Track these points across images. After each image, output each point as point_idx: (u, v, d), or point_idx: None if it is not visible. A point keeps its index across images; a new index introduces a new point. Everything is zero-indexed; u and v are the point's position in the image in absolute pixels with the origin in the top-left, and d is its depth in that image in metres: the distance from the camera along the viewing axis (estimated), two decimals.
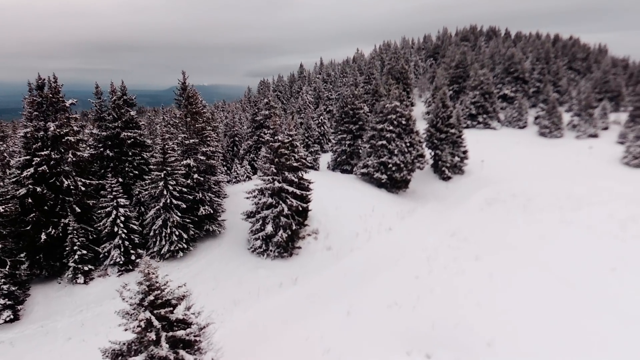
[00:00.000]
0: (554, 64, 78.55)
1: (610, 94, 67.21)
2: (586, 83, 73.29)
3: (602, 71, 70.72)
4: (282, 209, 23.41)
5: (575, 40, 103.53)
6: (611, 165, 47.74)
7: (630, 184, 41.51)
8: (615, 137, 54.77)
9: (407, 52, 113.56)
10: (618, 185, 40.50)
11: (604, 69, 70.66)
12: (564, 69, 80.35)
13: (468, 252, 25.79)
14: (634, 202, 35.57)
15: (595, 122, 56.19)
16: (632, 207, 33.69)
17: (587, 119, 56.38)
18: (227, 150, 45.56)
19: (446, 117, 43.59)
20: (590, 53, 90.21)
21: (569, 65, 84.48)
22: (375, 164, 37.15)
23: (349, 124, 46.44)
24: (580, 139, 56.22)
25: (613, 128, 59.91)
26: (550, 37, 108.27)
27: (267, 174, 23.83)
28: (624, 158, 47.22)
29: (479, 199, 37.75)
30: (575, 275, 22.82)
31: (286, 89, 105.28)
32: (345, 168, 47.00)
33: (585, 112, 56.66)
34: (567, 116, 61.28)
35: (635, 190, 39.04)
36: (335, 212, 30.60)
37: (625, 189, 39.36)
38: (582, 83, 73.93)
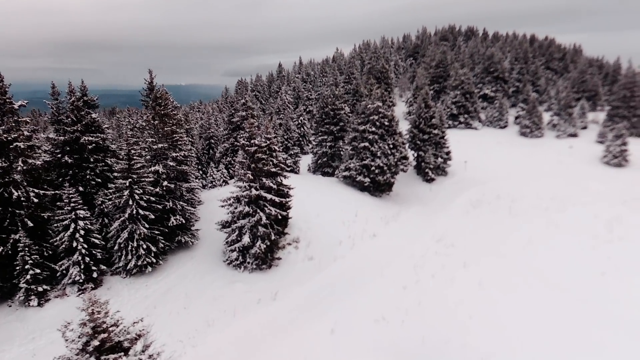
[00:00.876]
0: (532, 63, 79.57)
1: (588, 94, 68.42)
2: (564, 82, 74.43)
3: (579, 71, 71.95)
4: (259, 218, 21.94)
5: (551, 40, 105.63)
6: (592, 165, 48.18)
7: (611, 183, 41.83)
8: (594, 137, 55.51)
9: (386, 51, 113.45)
10: (600, 185, 40.74)
11: (581, 68, 71.91)
12: (542, 68, 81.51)
13: (456, 259, 24.95)
14: (617, 202, 35.70)
15: (574, 121, 56.85)
16: (616, 208, 33.70)
17: (566, 118, 56.98)
18: (203, 153, 43.63)
19: (429, 117, 42.94)
20: (566, 53, 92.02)
21: (546, 65, 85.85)
22: (358, 166, 36.06)
23: (329, 125, 45.23)
24: (561, 139, 56.75)
25: (592, 127, 60.85)
26: (527, 37, 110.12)
27: (243, 181, 22.32)
28: (604, 157, 47.70)
29: (463, 202, 37.16)
30: (566, 281, 22.25)
31: (265, 88, 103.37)
32: (327, 170, 45.79)
33: (564, 112, 57.26)
34: (547, 115, 61.89)
35: (617, 189, 39.30)
36: (317, 219, 29.32)
37: (608, 188, 39.58)
38: (559, 82, 75.06)
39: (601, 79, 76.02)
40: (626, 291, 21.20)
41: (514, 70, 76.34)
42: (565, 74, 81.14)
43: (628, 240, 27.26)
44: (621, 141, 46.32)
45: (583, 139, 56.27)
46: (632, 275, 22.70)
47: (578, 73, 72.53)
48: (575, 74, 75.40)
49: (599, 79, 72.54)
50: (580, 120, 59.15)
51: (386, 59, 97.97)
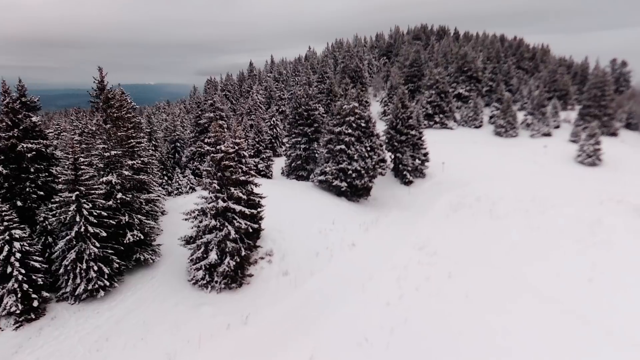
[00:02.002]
0: (504, 63, 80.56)
1: (559, 93, 69.70)
2: (535, 82, 75.64)
3: (549, 70, 73.24)
4: (228, 232, 19.89)
5: (520, 40, 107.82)
6: (567, 164, 48.61)
7: (587, 183, 42.12)
8: (567, 136, 56.27)
9: (360, 50, 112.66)
10: (577, 185, 40.88)
11: (552, 68, 73.25)
12: (513, 68, 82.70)
13: (440, 269, 23.74)
14: (595, 202, 35.76)
15: (548, 120, 57.50)
16: (595, 209, 33.65)
17: (540, 117, 57.54)
18: (168, 157, 40.88)
19: (406, 118, 41.90)
20: (536, 53, 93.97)
21: (517, 65, 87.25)
22: (334, 170, 34.45)
23: (303, 126, 43.47)
24: (535, 138, 57.24)
25: (564, 126, 61.83)
26: (497, 37, 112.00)
27: (209, 191, 20.20)
28: (578, 157, 48.19)
29: (443, 205, 36.25)
30: (554, 291, 21.43)
31: (235, 88, 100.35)
32: (301, 174, 44.00)
33: (538, 111, 57.81)
34: (521, 115, 62.42)
35: (594, 189, 39.50)
36: (292, 228, 27.47)
37: (584, 188, 39.72)
38: (531, 82, 76.23)
39: (570, 79, 77.71)
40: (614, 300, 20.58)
41: (487, 70, 76.99)
42: (536, 73, 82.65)
43: (611, 244, 26.94)
44: (594, 140, 46.88)
45: (557, 138, 56.96)
46: (618, 283, 22.16)
47: (549, 72, 73.84)
48: (545, 73, 76.81)
49: (568, 79, 74.12)
50: (553, 119, 59.96)
51: (360, 58, 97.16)
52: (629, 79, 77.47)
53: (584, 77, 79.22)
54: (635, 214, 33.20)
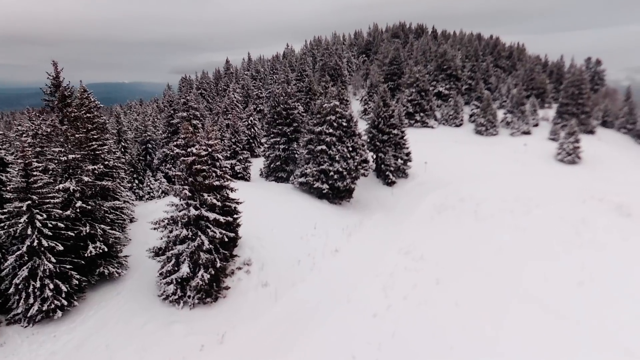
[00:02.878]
0: (482, 61, 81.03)
1: (536, 91, 70.48)
2: (513, 80, 76.38)
3: (527, 69, 74.03)
4: (201, 243, 18.32)
5: (497, 39, 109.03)
6: (547, 163, 48.83)
7: (568, 181, 42.24)
8: (546, 134, 56.72)
9: (338, 48, 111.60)
10: (559, 183, 40.90)
11: (529, 66, 74.06)
12: (491, 66, 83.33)
13: (427, 275, 22.82)
14: (578, 201, 35.73)
15: (527, 119, 57.85)
16: (578, 208, 33.55)
17: (519, 116, 57.83)
18: (139, 159, 38.69)
19: (388, 117, 41.01)
20: (513, 51, 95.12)
21: (494, 63, 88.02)
22: (315, 172, 33.16)
23: (282, 125, 41.99)
24: (515, 136, 57.49)
25: (543, 125, 62.44)
26: (474, 36, 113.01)
27: (180, 198, 18.57)
28: (558, 155, 48.48)
29: (427, 206, 35.50)
30: (544, 297, 20.78)
31: (211, 86, 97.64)
32: (281, 175, 42.52)
33: (517, 110, 58.08)
34: (500, 113, 62.65)
35: (575, 187, 39.55)
36: (271, 235, 26.05)
37: (566, 187, 39.72)
38: (509, 80, 76.93)
39: (546, 77, 78.78)
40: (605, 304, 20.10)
41: (466, 68, 77.23)
42: (514, 71, 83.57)
43: (598, 244, 26.66)
44: (574, 138, 47.22)
45: (536, 136, 57.36)
46: (608, 286, 21.74)
47: (526, 71, 74.64)
48: (523, 71, 77.67)
49: (545, 77, 75.13)
50: (532, 117, 60.42)
51: (339, 55, 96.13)
52: (603, 78, 79.30)
53: (559, 75, 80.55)
54: (618, 213, 33.26)
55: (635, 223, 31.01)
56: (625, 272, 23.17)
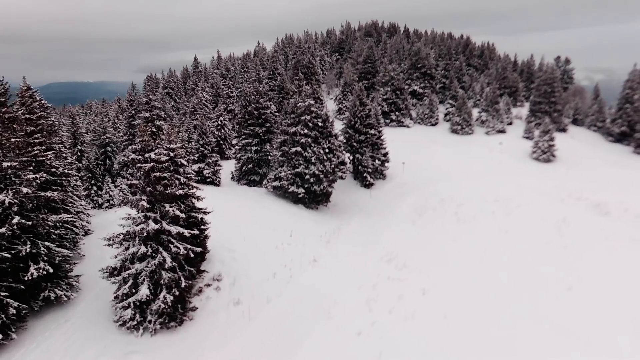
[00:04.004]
0: (456, 60, 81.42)
1: (509, 90, 71.26)
2: (485, 79, 77.05)
3: (499, 68, 74.81)
4: (162, 260, 16.26)
5: (468, 38, 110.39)
6: (523, 161, 48.99)
7: (545, 179, 42.33)
8: (521, 132, 57.12)
9: (311, 46, 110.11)
10: (536, 182, 40.88)
11: (502, 65, 74.87)
12: (464, 65, 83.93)
13: (412, 285, 21.55)
14: (556, 199, 35.68)
15: (502, 117, 58.08)
16: (557, 207, 33.36)
17: (494, 114, 58.01)
18: (97, 164, 35.75)
19: (364, 116, 39.74)
20: (484, 50, 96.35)
21: (467, 62, 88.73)
22: (290, 175, 31.42)
23: (254, 126, 39.97)
24: (490, 135, 57.63)
25: (516, 123, 63.02)
26: (446, 35, 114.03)
27: (137, 210, 16.43)
28: (534, 153, 48.69)
29: (407, 209, 34.49)
30: (537, 306, 19.88)
31: (179, 85, 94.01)
32: (253, 179, 40.51)
33: (492, 108, 58.25)
34: (475, 112, 62.77)
35: (552, 186, 39.60)
36: (244, 245, 24.14)
37: (543, 185, 39.73)
38: (482, 79, 77.58)
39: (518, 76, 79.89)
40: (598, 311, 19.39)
41: (439, 67, 77.32)
42: (486, 70, 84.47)
43: (580, 245, 26.23)
44: (549, 137, 47.51)
45: (511, 134, 57.69)
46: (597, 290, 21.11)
47: (498, 70, 75.44)
48: (495, 70, 78.52)
49: (517, 76, 76.16)
50: (506, 116, 60.78)
51: (312, 53, 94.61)
52: (572, 76, 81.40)
53: (530, 74, 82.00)
54: (596, 212, 33.28)
55: (613, 222, 30.97)
56: (612, 274, 22.68)
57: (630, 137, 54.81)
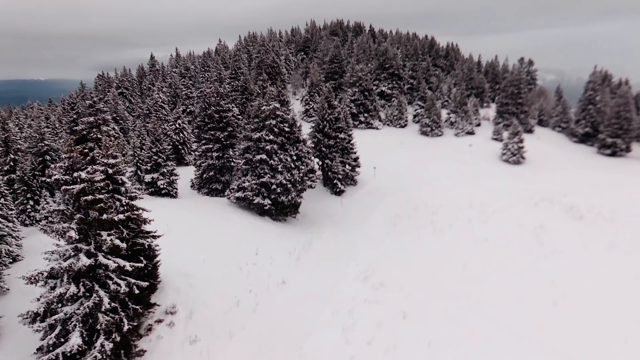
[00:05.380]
0: (423, 60, 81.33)
1: (476, 91, 71.75)
2: (452, 80, 77.38)
3: (466, 68, 75.26)
4: (99, 301, 13.53)
5: (432, 38, 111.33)
6: (494, 163, 48.84)
7: (516, 182, 42.17)
8: (489, 134, 57.25)
9: (275, 45, 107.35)
10: (508, 185, 40.54)
11: (468, 66, 75.36)
12: (431, 66, 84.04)
13: (392, 308, 19.81)
14: (530, 204, 35.29)
15: (470, 119, 58.00)
16: (533, 212, 32.81)
17: (463, 115, 57.84)
18: (33, 175, 31.75)
19: (334, 119, 37.86)
20: (449, 51, 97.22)
21: (433, 63, 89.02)
22: (254, 185, 29.00)
23: (214, 130, 37.26)
24: (460, 137, 57.41)
25: (484, 124, 63.33)
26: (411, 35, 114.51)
27: (66, 241, 13.61)
28: (503, 155, 48.63)
29: (381, 218, 32.90)
30: (523, 323, 18.67)
31: (134, 85, 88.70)
32: (215, 187, 37.77)
33: (460, 110, 58.05)
34: (443, 113, 62.51)
35: (524, 189, 39.40)
36: (203, 268, 21.57)
37: (516, 188, 39.42)
38: (448, 80, 77.86)
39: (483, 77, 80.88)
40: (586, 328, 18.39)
41: (407, 67, 76.91)
42: (452, 71, 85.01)
43: (560, 254, 25.45)
44: (518, 138, 47.56)
45: (480, 136, 57.73)
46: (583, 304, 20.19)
47: (464, 70, 75.90)
48: (461, 71, 79.06)
49: (482, 76, 76.96)
50: (474, 117, 60.86)
51: (276, 52, 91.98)
52: (536, 77, 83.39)
53: (495, 75, 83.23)
54: (570, 216, 33.03)
55: (588, 227, 30.71)
56: (596, 286, 21.90)
57: (594, 138, 56.15)
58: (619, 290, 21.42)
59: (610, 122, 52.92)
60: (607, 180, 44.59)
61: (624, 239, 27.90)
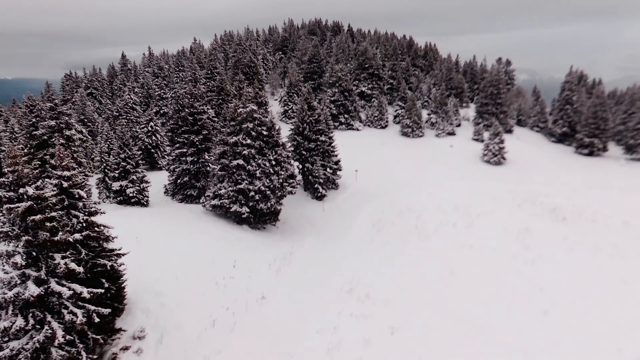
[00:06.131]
0: (402, 60, 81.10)
1: (455, 91, 71.88)
2: (431, 80, 77.37)
3: (445, 68, 75.37)
4: (51, 334, 11.92)
5: (411, 38, 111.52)
6: (475, 164, 48.67)
7: (499, 183, 41.99)
8: (470, 134, 57.22)
9: (252, 44, 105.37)
10: (490, 187, 40.35)
11: (448, 66, 75.49)
12: (410, 66, 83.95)
13: (379, 323, 18.77)
14: (513, 206, 35.18)
15: (451, 119, 57.86)
16: (517, 215, 32.60)
17: (443, 116, 57.63)
18: None
19: (314, 121, 36.68)
20: (428, 51, 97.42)
21: (412, 63, 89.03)
22: (231, 192, 27.53)
23: (189, 133, 35.53)
24: (441, 137, 57.18)
25: (465, 125, 63.39)
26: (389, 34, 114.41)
27: (11, 267, 11.93)
28: (485, 156, 48.52)
29: (364, 224, 31.96)
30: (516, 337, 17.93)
31: (105, 85, 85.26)
32: (190, 193, 36.06)
33: (441, 110, 57.82)
34: (424, 113, 62.23)
35: (506, 190, 39.22)
36: (176, 284, 20.00)
37: (498, 190, 39.22)
38: (428, 80, 77.83)
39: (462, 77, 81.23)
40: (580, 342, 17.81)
41: (386, 67, 76.47)
42: (431, 71, 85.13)
43: (547, 258, 25.04)
44: (499, 139, 47.51)
45: (460, 137, 57.64)
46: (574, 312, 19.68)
47: (443, 70, 76.01)
48: (440, 71, 79.15)
49: (462, 76, 77.25)
50: (455, 117, 60.79)
51: (253, 52, 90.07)
52: (513, 77, 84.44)
53: (473, 75, 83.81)
54: (553, 217, 32.92)
55: (572, 229, 30.58)
56: (585, 292, 21.51)
57: (572, 138, 56.89)
58: (608, 297, 21.05)
59: (588, 122, 53.69)
60: (587, 180, 45.03)
61: (608, 242, 27.81)
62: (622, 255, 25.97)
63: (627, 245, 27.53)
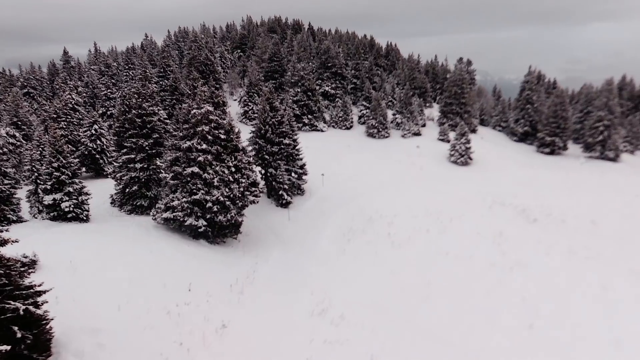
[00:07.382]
0: (365, 60, 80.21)
1: (419, 90, 71.76)
2: (395, 79, 76.99)
3: (408, 68, 75.17)
4: None
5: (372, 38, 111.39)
6: (442, 165, 48.16)
7: (467, 184, 41.57)
8: (435, 134, 56.92)
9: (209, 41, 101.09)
10: (460, 188, 39.85)
11: (411, 65, 75.32)
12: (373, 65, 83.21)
13: (357, 350, 17.00)
14: (484, 207, 34.69)
15: (416, 119, 57.30)
16: (489, 218, 31.98)
17: (408, 116, 56.97)
18: None
19: (277, 123, 34.35)
20: (390, 51, 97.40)
21: (375, 62, 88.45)
22: (185, 203, 24.72)
23: (137, 137, 32.19)
24: (407, 138, 56.49)
25: (429, 125, 63.20)
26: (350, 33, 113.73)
27: None
28: (451, 156, 48.12)
29: (333, 233, 30.10)
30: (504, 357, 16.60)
31: (44, 84, 78.45)
32: (140, 203, 32.75)
33: (406, 110, 57.14)
34: (389, 113, 61.42)
35: (475, 192, 38.78)
36: (118, 317, 17.09)
37: (468, 192, 38.72)
38: (391, 79, 77.38)
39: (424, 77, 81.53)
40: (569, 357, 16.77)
41: (349, 66, 75.28)
42: (394, 71, 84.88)
43: (525, 265, 24.19)
44: (465, 139, 47.20)
45: (426, 137, 57.21)
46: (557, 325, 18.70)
47: (407, 70, 75.80)
48: (402, 71, 78.99)
49: (424, 76, 77.40)
50: (420, 117, 60.36)
51: (210, 49, 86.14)
52: (474, 77, 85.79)
53: (435, 75, 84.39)
54: (525, 219, 32.58)
55: (544, 231, 30.24)
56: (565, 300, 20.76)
57: (533, 137, 57.88)
58: (590, 305, 20.31)
59: (548, 121, 54.77)
60: (551, 179, 45.56)
61: (581, 243, 27.53)
62: (596, 257, 25.67)
63: (599, 246, 27.39)
